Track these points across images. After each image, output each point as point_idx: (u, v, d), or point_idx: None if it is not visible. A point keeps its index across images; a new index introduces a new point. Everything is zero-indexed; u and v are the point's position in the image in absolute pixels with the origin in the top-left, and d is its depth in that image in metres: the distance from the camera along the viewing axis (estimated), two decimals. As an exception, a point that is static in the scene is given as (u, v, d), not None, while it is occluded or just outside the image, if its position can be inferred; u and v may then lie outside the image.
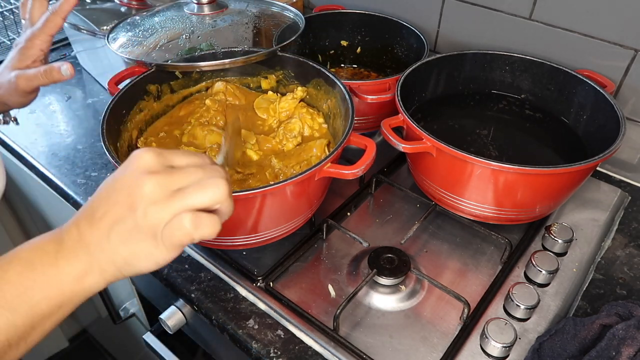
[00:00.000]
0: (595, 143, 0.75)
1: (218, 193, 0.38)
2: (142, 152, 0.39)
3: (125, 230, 0.38)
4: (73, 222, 0.39)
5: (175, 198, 0.37)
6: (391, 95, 0.76)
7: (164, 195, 0.37)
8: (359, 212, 0.79)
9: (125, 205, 0.38)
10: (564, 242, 0.72)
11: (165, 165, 0.39)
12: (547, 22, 0.85)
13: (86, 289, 0.39)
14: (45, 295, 0.37)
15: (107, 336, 1.45)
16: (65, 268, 0.38)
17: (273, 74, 0.86)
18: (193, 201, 0.38)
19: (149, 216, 0.37)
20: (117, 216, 0.38)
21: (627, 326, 0.53)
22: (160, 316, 0.76)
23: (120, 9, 0.99)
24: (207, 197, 0.38)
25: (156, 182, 0.37)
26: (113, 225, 0.38)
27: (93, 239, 0.38)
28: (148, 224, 0.37)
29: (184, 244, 0.39)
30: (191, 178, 0.39)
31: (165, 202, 0.37)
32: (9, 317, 0.36)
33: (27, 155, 0.91)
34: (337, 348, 0.60)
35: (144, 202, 0.37)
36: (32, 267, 0.37)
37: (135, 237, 0.38)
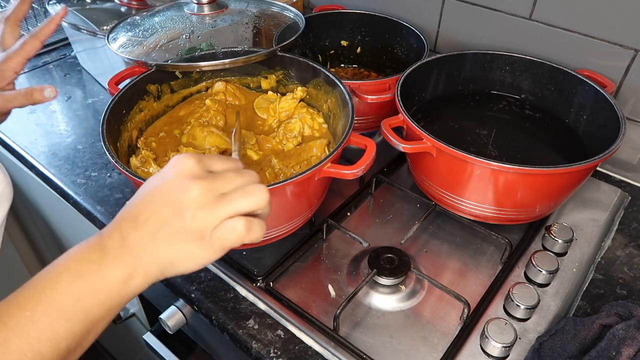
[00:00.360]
0: (595, 143, 0.75)
1: (261, 198, 0.41)
2: (184, 157, 0.42)
3: (172, 233, 0.39)
4: (114, 227, 0.41)
5: (222, 203, 0.40)
6: (391, 95, 0.76)
7: (210, 200, 0.39)
8: (359, 212, 0.79)
9: (171, 209, 0.39)
10: (564, 242, 0.72)
11: (206, 171, 0.41)
12: (547, 22, 0.85)
13: (131, 291, 0.40)
14: (97, 302, 0.39)
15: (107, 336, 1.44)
16: (110, 274, 0.39)
17: (273, 74, 0.86)
18: (240, 206, 0.40)
19: (197, 220, 0.39)
20: (163, 219, 0.39)
21: (627, 326, 0.53)
22: (160, 316, 0.76)
23: (120, 9, 0.99)
24: (253, 202, 0.41)
25: (202, 187, 0.40)
26: (159, 228, 0.39)
27: (137, 242, 0.40)
28: (196, 227, 0.39)
29: (232, 246, 0.41)
30: (234, 183, 0.41)
31: (212, 206, 0.39)
32: (67, 326, 0.38)
33: (27, 155, 0.91)
34: (337, 348, 0.60)
35: (192, 207, 0.39)
36: (81, 277, 0.39)
37: (182, 239, 0.39)
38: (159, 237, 0.39)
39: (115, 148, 0.67)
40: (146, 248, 0.40)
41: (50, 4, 1.03)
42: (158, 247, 0.40)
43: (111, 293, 0.39)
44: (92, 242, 0.41)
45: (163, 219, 0.40)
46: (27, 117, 0.99)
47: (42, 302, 0.38)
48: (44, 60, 1.18)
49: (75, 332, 0.38)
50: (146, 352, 0.91)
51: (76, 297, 0.38)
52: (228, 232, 0.40)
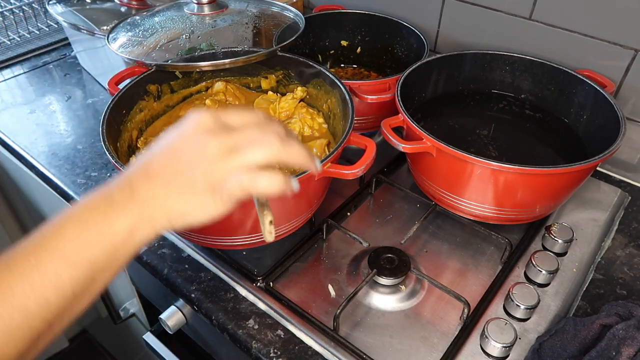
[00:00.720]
0: (595, 143, 0.75)
1: (270, 150, 0.41)
2: (199, 114, 0.42)
3: (185, 184, 0.40)
4: (124, 179, 0.41)
5: (232, 155, 0.40)
6: (391, 95, 0.76)
7: (224, 154, 0.40)
8: (359, 212, 0.79)
9: (186, 162, 0.40)
10: (564, 242, 0.72)
11: (222, 125, 0.42)
12: (547, 22, 0.85)
13: (138, 241, 0.41)
14: (103, 250, 0.39)
15: (107, 336, 1.44)
16: (117, 223, 0.39)
17: (273, 74, 0.86)
18: (249, 159, 0.40)
19: (209, 173, 0.40)
20: (177, 171, 0.40)
21: (627, 326, 0.53)
22: (160, 316, 0.76)
23: (120, 9, 0.99)
24: (262, 155, 0.41)
25: (218, 142, 0.40)
26: (171, 179, 0.40)
27: (147, 193, 0.40)
28: (208, 180, 0.40)
29: (241, 198, 0.41)
30: (251, 137, 0.41)
31: (225, 159, 0.40)
32: (71, 272, 0.38)
33: (27, 155, 0.91)
34: (337, 348, 0.60)
35: (206, 161, 0.40)
36: (86, 225, 0.39)
37: (194, 191, 0.40)
38: (171, 187, 0.40)
39: (115, 148, 0.67)
40: (155, 198, 0.40)
41: (50, 4, 1.03)
42: (169, 197, 0.40)
43: (117, 242, 0.40)
44: (100, 193, 0.41)
45: (176, 170, 0.40)
46: (27, 117, 0.99)
47: (47, 249, 0.38)
48: (44, 60, 1.18)
49: (80, 278, 0.38)
50: (146, 352, 0.91)
51: (81, 244, 0.38)
52: (234, 184, 0.40)
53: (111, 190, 0.41)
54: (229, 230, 0.64)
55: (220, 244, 0.68)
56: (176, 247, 0.73)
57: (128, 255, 0.41)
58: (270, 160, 0.41)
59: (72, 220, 0.39)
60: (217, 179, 0.40)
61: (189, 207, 0.41)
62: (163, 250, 0.73)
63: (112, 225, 0.39)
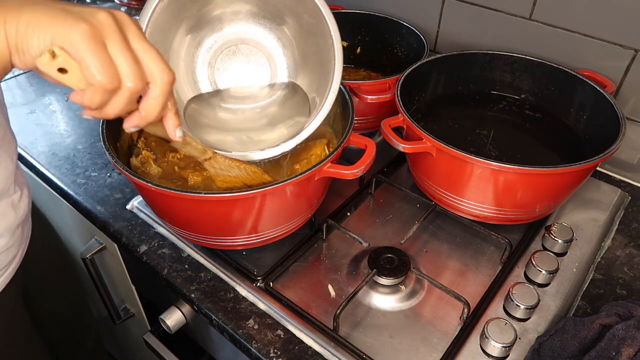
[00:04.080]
0: (595, 143, 0.75)
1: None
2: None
3: (56, 7, 0.40)
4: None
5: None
6: (391, 95, 0.76)
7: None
8: (359, 212, 0.79)
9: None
10: (564, 242, 0.72)
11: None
12: (547, 22, 0.85)
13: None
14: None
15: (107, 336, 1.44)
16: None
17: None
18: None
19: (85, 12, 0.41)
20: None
21: (627, 326, 0.53)
22: (160, 316, 0.76)
23: (120, 9, 0.99)
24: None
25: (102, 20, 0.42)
26: (43, 5, 0.40)
27: (14, 5, 0.40)
28: (80, 12, 0.41)
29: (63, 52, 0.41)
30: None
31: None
32: None
33: (27, 155, 0.91)
34: (337, 348, 0.60)
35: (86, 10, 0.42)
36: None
37: (57, 10, 0.40)
38: (35, 6, 0.40)
39: (115, 148, 0.67)
40: (16, 10, 0.40)
41: (50, 4, 1.03)
42: (33, 9, 0.40)
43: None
44: None
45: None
46: (27, 117, 0.99)
47: None
48: (44, 60, 1.18)
49: None
50: (146, 352, 0.91)
51: None
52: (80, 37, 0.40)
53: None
54: (229, 230, 0.64)
55: (220, 244, 0.68)
56: (176, 247, 0.73)
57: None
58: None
59: None
60: (86, 14, 0.41)
61: (48, 19, 0.40)
62: (163, 250, 0.73)
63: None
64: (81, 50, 0.40)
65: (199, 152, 0.61)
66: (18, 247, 0.71)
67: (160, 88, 0.44)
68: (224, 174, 0.65)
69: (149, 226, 0.76)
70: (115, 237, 0.76)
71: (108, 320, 1.04)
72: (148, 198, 0.66)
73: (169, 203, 0.62)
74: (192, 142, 0.59)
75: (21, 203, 0.69)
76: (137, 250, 0.73)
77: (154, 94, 0.45)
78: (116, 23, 0.42)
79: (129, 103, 0.44)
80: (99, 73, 0.40)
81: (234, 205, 0.60)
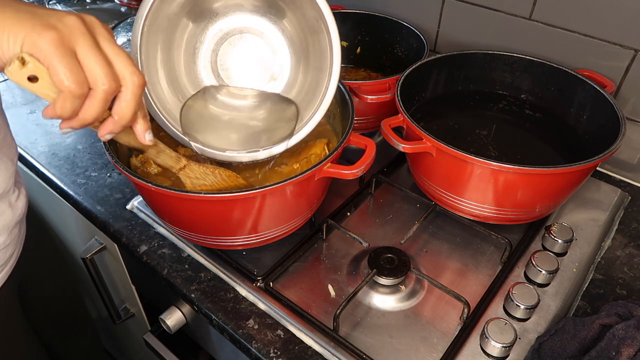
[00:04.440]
0: (595, 143, 0.74)
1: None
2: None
3: (23, 10, 0.40)
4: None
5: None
6: (391, 95, 0.76)
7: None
8: (359, 212, 0.79)
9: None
10: (564, 242, 0.72)
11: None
12: (547, 22, 0.85)
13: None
14: None
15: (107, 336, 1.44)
16: None
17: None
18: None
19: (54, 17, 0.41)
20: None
21: (627, 326, 0.53)
22: (160, 316, 0.76)
23: (120, 9, 0.99)
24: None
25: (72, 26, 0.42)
26: (10, 8, 0.40)
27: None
28: (48, 16, 0.41)
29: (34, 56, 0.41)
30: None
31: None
32: None
33: (27, 155, 0.91)
34: (337, 348, 0.60)
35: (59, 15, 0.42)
36: None
37: (25, 13, 0.40)
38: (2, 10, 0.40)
39: (115, 148, 0.67)
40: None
41: (50, 4, 1.03)
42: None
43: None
44: None
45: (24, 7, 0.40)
46: (27, 117, 0.99)
47: None
48: (44, 60, 1.18)
49: None
50: (146, 352, 0.91)
51: None
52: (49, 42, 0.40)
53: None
54: (229, 230, 0.64)
55: (220, 244, 0.68)
56: (176, 247, 0.73)
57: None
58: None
59: None
60: (54, 22, 0.40)
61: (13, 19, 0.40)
62: (163, 250, 0.73)
63: None
64: (50, 56, 0.40)
65: (173, 160, 0.61)
66: (15, 246, 0.71)
67: (131, 91, 0.44)
68: (199, 182, 0.64)
69: (149, 226, 0.76)
70: (115, 237, 0.76)
71: (108, 320, 1.04)
72: (148, 198, 0.66)
73: (169, 203, 0.62)
74: (166, 149, 0.59)
75: (19, 202, 0.69)
76: (137, 250, 0.73)
77: (126, 97, 0.45)
78: (86, 27, 0.42)
79: (104, 106, 0.44)
80: (67, 78, 0.41)
81: (234, 205, 0.60)
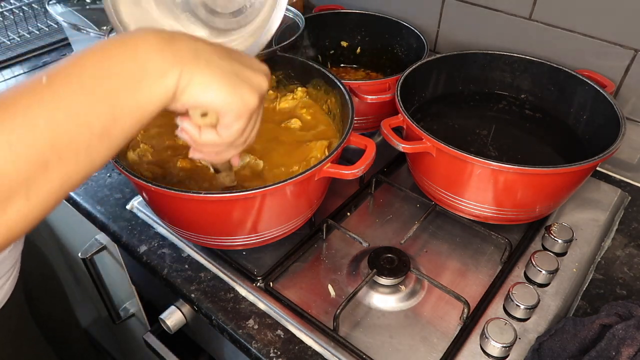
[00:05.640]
0: (595, 143, 0.75)
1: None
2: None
3: (237, 68, 0.43)
4: (164, 30, 0.40)
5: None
6: (391, 95, 0.76)
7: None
8: (359, 212, 0.79)
9: (243, 61, 0.44)
10: (564, 242, 0.72)
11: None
12: (547, 22, 0.85)
13: (163, 92, 0.39)
14: (123, 86, 0.36)
15: (107, 336, 1.44)
16: (147, 62, 0.37)
17: (273, 74, 0.86)
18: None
19: (261, 78, 0.45)
20: (233, 58, 0.43)
21: (627, 326, 0.53)
22: (160, 316, 0.76)
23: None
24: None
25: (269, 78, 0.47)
26: (227, 57, 0.43)
27: (196, 49, 0.40)
28: (258, 80, 0.44)
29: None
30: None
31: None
32: (86, 101, 0.35)
33: (27, 155, 0.91)
34: (337, 348, 0.60)
35: (261, 71, 0.45)
36: (109, 56, 0.36)
37: (241, 74, 0.43)
38: (215, 63, 0.41)
39: (115, 148, 0.67)
40: (197, 60, 0.40)
41: (50, 4, 1.03)
42: (209, 64, 0.41)
43: (141, 79, 0.37)
44: (131, 31, 0.39)
45: (224, 66, 0.42)
46: (27, 117, 0.99)
47: (61, 72, 0.35)
48: (44, 61, 1.18)
49: (96, 110, 0.35)
50: (146, 352, 0.91)
51: (100, 74, 0.36)
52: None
53: (144, 32, 0.39)
54: (229, 230, 0.64)
55: (220, 244, 0.68)
56: (176, 247, 0.73)
57: (152, 105, 0.38)
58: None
59: (95, 51, 0.36)
60: (261, 86, 0.44)
61: (228, 81, 0.41)
62: (163, 250, 0.73)
63: (140, 62, 0.37)
64: (232, 121, 0.44)
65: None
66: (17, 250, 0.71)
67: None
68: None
69: (149, 226, 0.76)
70: (115, 237, 0.76)
71: (108, 320, 1.04)
72: (148, 198, 0.66)
73: (169, 203, 0.62)
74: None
75: None
76: (137, 250, 0.73)
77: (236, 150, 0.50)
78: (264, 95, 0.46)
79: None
80: (233, 138, 0.45)
81: (233, 205, 0.60)
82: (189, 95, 0.40)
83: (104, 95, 0.35)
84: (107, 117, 0.36)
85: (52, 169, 0.33)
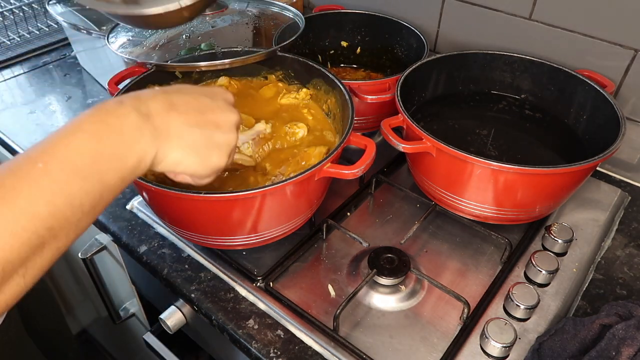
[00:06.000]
0: (595, 143, 0.75)
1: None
2: (226, 91, 0.52)
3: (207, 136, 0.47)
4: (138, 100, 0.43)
5: (237, 132, 0.51)
6: (391, 95, 0.76)
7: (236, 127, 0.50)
8: (359, 212, 0.79)
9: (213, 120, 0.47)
10: (564, 242, 0.72)
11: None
12: (547, 22, 0.85)
13: (143, 167, 0.42)
14: (112, 167, 0.39)
15: (107, 336, 1.44)
16: (133, 144, 0.41)
17: (273, 74, 0.86)
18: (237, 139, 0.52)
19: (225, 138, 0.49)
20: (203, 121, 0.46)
21: (627, 326, 0.53)
22: (160, 316, 0.76)
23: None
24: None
25: (239, 116, 0.51)
26: (197, 124, 0.46)
27: (169, 124, 0.44)
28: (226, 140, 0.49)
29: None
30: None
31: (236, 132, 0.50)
32: (81, 184, 0.37)
33: (27, 155, 0.91)
34: (337, 348, 0.60)
35: (230, 124, 0.49)
36: (98, 139, 0.39)
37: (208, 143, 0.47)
38: (195, 129, 0.45)
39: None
40: (177, 130, 0.44)
41: (50, 4, 1.03)
42: (189, 135, 0.45)
43: (127, 162, 0.40)
44: (109, 108, 0.41)
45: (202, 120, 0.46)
46: (27, 117, 0.99)
47: (55, 156, 0.37)
48: (44, 61, 1.18)
49: (88, 191, 0.37)
50: (146, 352, 0.91)
51: (92, 157, 0.38)
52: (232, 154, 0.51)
53: (124, 107, 0.41)
54: (229, 230, 0.64)
55: (220, 244, 0.68)
56: (176, 247, 0.73)
57: (130, 179, 0.42)
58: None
59: (82, 132, 0.39)
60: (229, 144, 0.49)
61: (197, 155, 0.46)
62: (163, 250, 0.73)
63: (128, 144, 0.40)
64: (203, 179, 0.50)
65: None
66: None
67: None
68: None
69: (149, 226, 0.76)
70: (115, 237, 0.76)
71: (108, 320, 1.04)
72: (148, 198, 0.66)
73: (169, 203, 0.62)
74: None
75: None
76: (137, 250, 0.73)
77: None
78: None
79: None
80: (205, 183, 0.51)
81: (233, 205, 0.60)
82: (164, 167, 0.45)
83: (96, 177, 0.38)
84: (96, 196, 0.38)
85: (47, 247, 0.35)
